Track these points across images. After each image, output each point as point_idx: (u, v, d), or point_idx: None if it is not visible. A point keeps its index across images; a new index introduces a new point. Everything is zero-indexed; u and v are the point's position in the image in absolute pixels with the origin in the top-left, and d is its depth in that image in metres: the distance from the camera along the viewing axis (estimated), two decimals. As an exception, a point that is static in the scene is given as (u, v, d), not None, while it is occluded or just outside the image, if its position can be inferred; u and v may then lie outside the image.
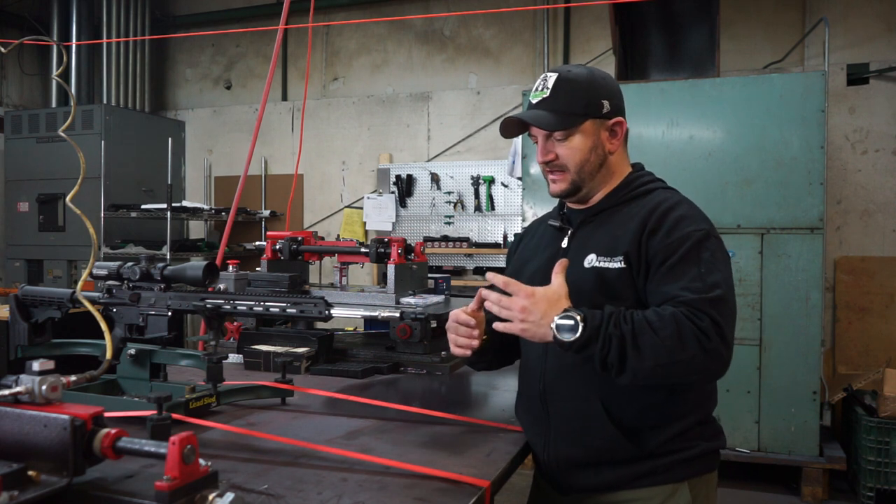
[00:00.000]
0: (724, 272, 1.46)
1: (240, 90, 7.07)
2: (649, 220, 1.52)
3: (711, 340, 1.36)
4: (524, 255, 1.78)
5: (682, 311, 1.38)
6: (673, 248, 1.47)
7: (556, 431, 1.58)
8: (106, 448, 1.03)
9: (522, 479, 2.87)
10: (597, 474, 1.54)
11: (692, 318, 1.37)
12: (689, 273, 1.44)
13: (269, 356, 2.26)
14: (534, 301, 1.40)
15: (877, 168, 5.12)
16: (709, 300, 1.39)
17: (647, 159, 1.79)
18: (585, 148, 1.58)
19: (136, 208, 5.80)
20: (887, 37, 5.15)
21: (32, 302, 1.84)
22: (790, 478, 4.28)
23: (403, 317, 2.18)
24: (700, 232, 1.48)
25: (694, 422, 1.54)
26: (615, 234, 1.55)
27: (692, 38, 4.90)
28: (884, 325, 5.04)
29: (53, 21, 6.67)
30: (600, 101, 1.59)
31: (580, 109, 1.57)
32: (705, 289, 1.41)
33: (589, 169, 1.60)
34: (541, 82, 1.61)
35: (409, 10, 6.34)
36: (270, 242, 2.61)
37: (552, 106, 1.57)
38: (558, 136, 1.58)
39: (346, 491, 1.24)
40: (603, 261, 1.53)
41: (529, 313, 1.39)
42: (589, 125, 1.58)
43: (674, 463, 1.51)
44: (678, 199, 1.58)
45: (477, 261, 5.99)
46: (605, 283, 1.51)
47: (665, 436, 1.50)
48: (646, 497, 1.51)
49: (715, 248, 1.48)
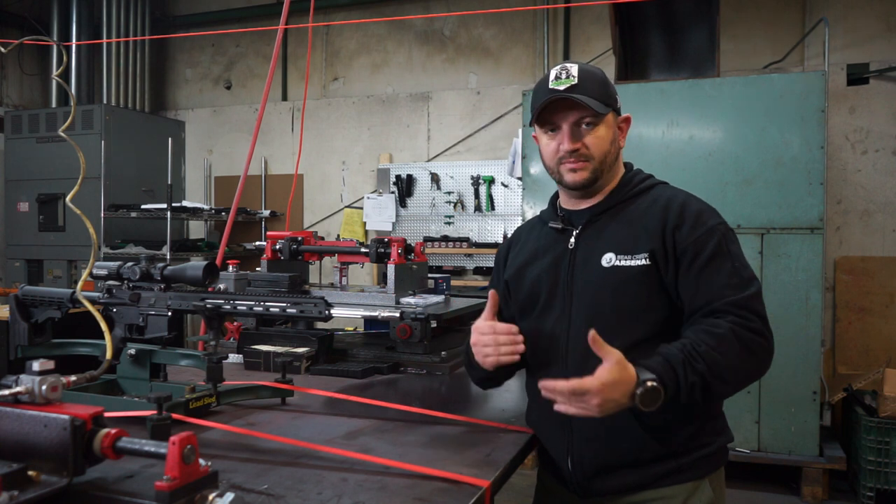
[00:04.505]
0: (748, 265, 1.53)
1: (240, 90, 7.07)
2: (668, 216, 1.53)
3: (767, 339, 1.44)
4: (520, 261, 1.73)
5: (734, 321, 1.42)
6: (702, 242, 1.50)
7: (580, 437, 1.55)
8: (106, 448, 1.03)
9: (522, 479, 2.87)
10: (622, 476, 1.52)
11: (746, 325, 1.42)
12: (724, 269, 1.48)
13: (269, 356, 2.26)
14: (607, 392, 1.31)
15: (877, 168, 5.12)
16: (752, 297, 1.46)
17: (647, 159, 1.80)
18: (609, 138, 1.60)
19: (136, 208, 5.80)
20: (887, 37, 5.15)
21: (32, 302, 1.84)
22: (790, 478, 4.28)
23: (403, 317, 2.18)
24: (723, 225, 1.54)
25: (710, 417, 1.56)
26: (631, 232, 1.55)
27: (692, 38, 4.90)
28: (884, 325, 5.04)
29: (53, 21, 6.68)
30: (615, 95, 1.62)
31: (607, 100, 1.58)
32: (744, 284, 1.47)
33: (609, 161, 1.61)
34: (562, 71, 1.58)
35: (409, 10, 6.35)
36: (270, 242, 2.61)
37: (585, 92, 1.55)
38: (588, 122, 1.57)
39: (346, 491, 1.24)
40: (624, 259, 1.52)
41: (607, 402, 1.31)
42: (611, 117, 1.60)
43: (696, 460, 1.51)
44: (686, 193, 1.61)
45: (477, 261, 5.99)
46: (627, 281, 1.51)
47: (688, 433, 1.51)
48: (669, 495, 1.51)
49: (736, 240, 1.55)
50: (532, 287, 1.66)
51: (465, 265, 6.03)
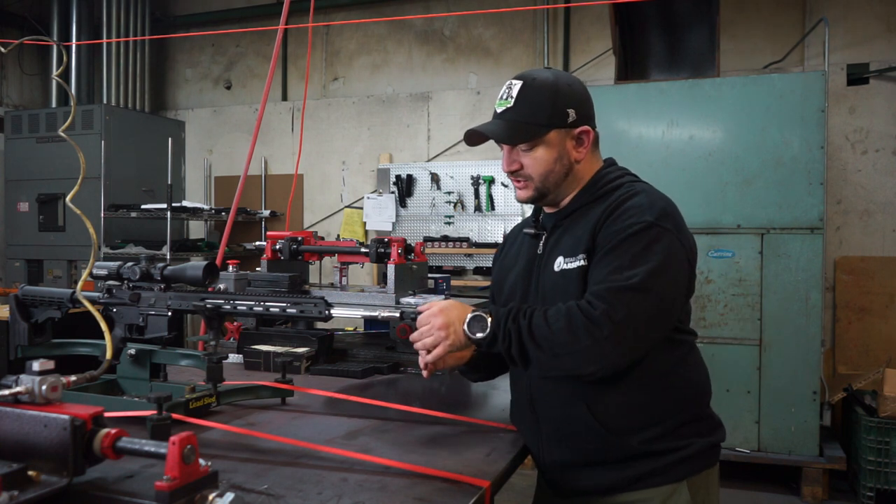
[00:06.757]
0: (653, 263, 1.41)
1: (240, 90, 7.07)
2: (604, 214, 1.51)
3: (603, 329, 1.36)
4: (506, 264, 1.77)
5: (580, 303, 1.40)
6: (613, 236, 1.46)
7: (546, 436, 1.58)
8: (106, 448, 1.03)
9: (522, 479, 2.87)
10: (592, 476, 1.53)
11: (585, 309, 1.38)
12: (613, 263, 1.43)
13: (269, 356, 2.26)
14: (446, 312, 1.49)
15: (877, 168, 5.12)
16: (615, 289, 1.39)
17: (647, 159, 1.79)
18: (550, 159, 1.57)
19: (136, 208, 5.79)
20: (887, 37, 5.15)
21: (32, 302, 1.84)
22: (790, 478, 4.28)
23: (403, 317, 2.17)
24: (641, 223, 1.45)
25: (687, 418, 1.54)
26: (580, 235, 1.54)
27: (692, 38, 4.90)
28: (884, 325, 5.04)
29: (53, 21, 6.67)
30: (565, 109, 1.56)
31: (544, 120, 1.54)
32: (622, 278, 1.40)
33: (554, 178, 1.58)
34: (506, 90, 1.58)
35: (409, 10, 6.34)
36: (270, 242, 2.61)
37: (515, 116, 1.55)
38: (522, 146, 1.57)
39: (346, 491, 1.24)
40: (570, 262, 1.53)
41: (448, 324, 1.47)
42: (554, 135, 1.56)
43: (671, 463, 1.50)
44: (637, 191, 1.55)
45: (477, 261, 5.99)
46: (571, 284, 1.51)
47: (655, 434, 1.49)
48: (644, 499, 1.50)
49: (653, 240, 1.44)
50: (510, 293, 1.70)
51: (465, 265, 6.03)
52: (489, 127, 1.59)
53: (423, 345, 1.51)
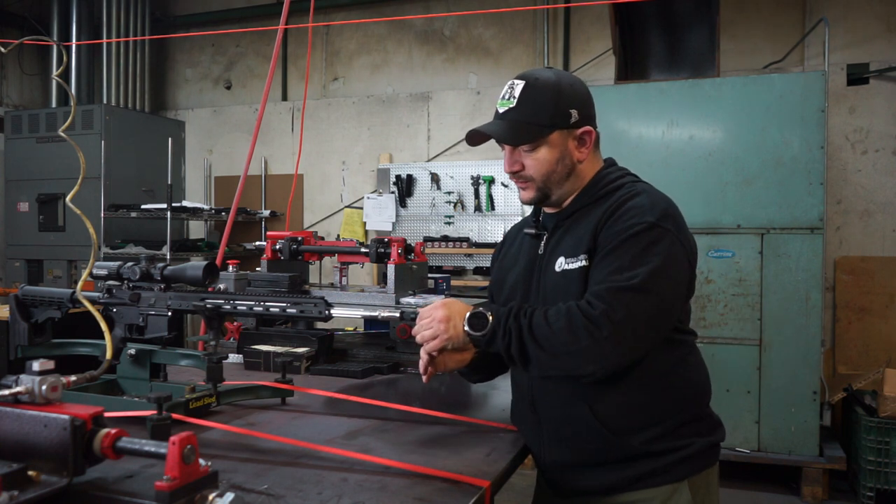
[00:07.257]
0: (654, 264, 1.41)
1: (240, 90, 7.07)
2: (606, 214, 1.51)
3: (602, 329, 1.36)
4: (505, 264, 1.77)
5: (580, 303, 1.40)
6: (614, 236, 1.46)
7: (547, 436, 1.58)
8: (106, 448, 1.03)
9: (522, 479, 2.87)
10: (593, 477, 1.53)
11: (585, 309, 1.38)
12: (613, 264, 1.43)
13: (269, 356, 2.26)
14: (448, 307, 1.51)
15: (877, 168, 5.12)
16: (616, 289, 1.39)
17: (647, 159, 1.79)
18: (552, 159, 1.56)
19: (136, 208, 5.79)
20: (887, 37, 5.15)
21: (32, 302, 1.84)
22: (790, 478, 4.28)
23: (403, 317, 2.17)
24: (642, 224, 1.45)
25: (687, 418, 1.54)
26: (581, 235, 1.54)
27: (692, 38, 4.90)
28: (884, 325, 5.04)
29: (53, 21, 6.67)
30: (568, 110, 1.55)
31: (546, 120, 1.54)
32: (623, 279, 1.40)
33: (556, 179, 1.58)
34: (508, 90, 1.58)
35: (409, 10, 6.34)
36: (270, 242, 2.61)
37: (517, 116, 1.55)
38: (524, 147, 1.57)
39: (346, 491, 1.24)
40: (571, 262, 1.53)
41: (449, 317, 1.49)
42: (556, 136, 1.56)
43: (671, 463, 1.50)
44: (638, 191, 1.55)
45: (477, 261, 5.98)
46: (572, 284, 1.51)
47: (655, 434, 1.49)
48: (645, 499, 1.51)
49: (654, 241, 1.44)
50: (510, 293, 1.69)
51: (465, 265, 6.03)
52: (491, 127, 1.58)
53: (422, 337, 1.51)
